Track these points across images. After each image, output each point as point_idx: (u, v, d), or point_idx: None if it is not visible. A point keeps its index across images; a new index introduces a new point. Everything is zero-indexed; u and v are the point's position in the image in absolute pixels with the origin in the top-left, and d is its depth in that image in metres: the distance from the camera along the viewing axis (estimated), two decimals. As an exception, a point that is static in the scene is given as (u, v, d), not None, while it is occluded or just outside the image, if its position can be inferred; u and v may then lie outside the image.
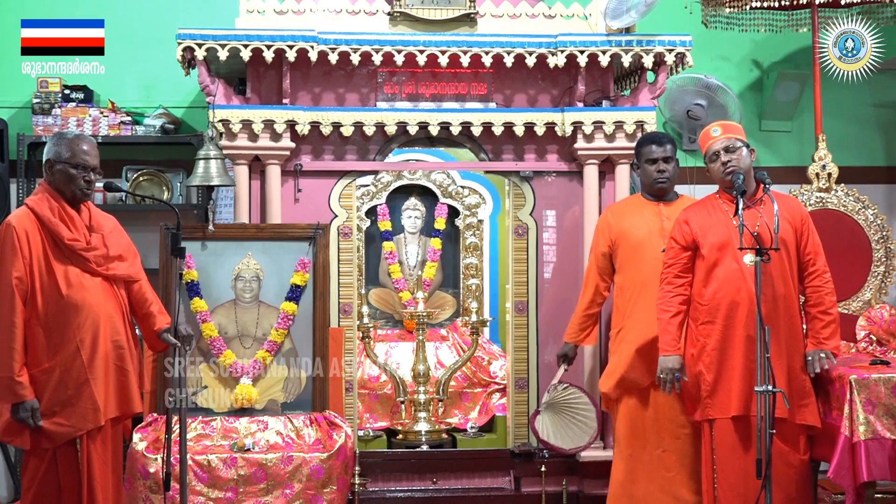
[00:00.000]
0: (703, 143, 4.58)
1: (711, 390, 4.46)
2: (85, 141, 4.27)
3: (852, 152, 6.49)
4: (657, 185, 4.98)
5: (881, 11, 5.94)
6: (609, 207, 5.23)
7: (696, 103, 5.88)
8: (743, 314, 4.39)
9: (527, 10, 5.51)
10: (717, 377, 4.45)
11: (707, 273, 4.49)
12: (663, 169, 4.95)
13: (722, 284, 4.43)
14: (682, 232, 4.56)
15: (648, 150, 4.98)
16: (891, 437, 4.42)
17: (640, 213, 4.99)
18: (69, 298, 4.14)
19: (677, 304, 4.53)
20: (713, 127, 4.57)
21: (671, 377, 4.51)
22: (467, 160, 5.84)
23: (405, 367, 5.90)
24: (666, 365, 4.52)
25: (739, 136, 4.53)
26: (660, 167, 4.95)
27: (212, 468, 4.66)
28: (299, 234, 5.16)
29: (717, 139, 4.50)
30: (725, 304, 4.42)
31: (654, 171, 4.96)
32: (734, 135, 4.52)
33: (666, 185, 4.98)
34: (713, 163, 4.51)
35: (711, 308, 4.46)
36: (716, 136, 4.52)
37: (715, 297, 4.45)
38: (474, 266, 6.34)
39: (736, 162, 4.45)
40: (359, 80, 5.49)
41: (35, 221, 4.16)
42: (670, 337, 4.53)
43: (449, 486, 5.45)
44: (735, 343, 4.41)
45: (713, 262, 4.47)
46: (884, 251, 5.53)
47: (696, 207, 4.65)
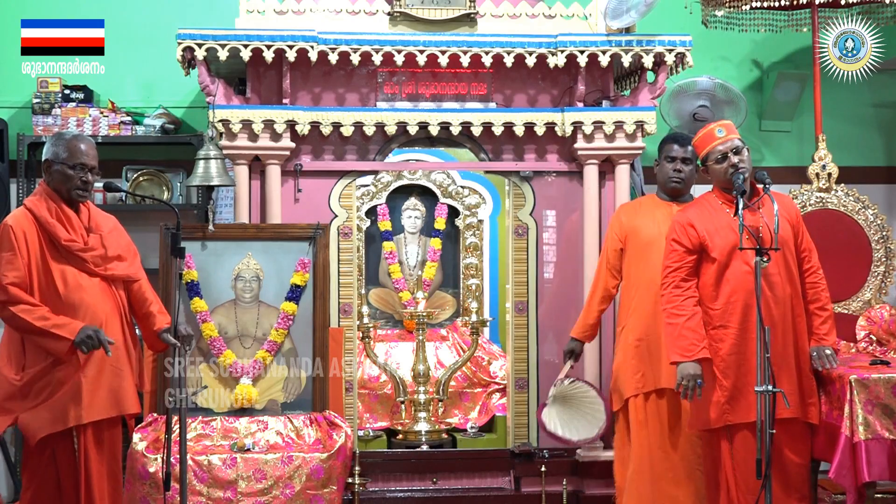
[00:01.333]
0: (706, 144, 4.49)
1: (730, 396, 4.36)
2: (83, 141, 4.27)
3: (852, 152, 6.49)
4: (671, 185, 4.96)
5: (881, 11, 5.93)
6: (622, 206, 5.22)
7: (701, 105, 5.89)
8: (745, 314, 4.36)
9: (527, 10, 5.51)
10: (734, 382, 4.36)
11: (718, 276, 4.40)
12: (680, 169, 4.93)
13: (735, 287, 4.36)
14: (689, 235, 4.46)
15: (669, 147, 4.97)
16: (890, 437, 4.42)
17: (651, 213, 4.97)
18: (66, 299, 4.14)
19: (691, 307, 4.40)
20: (717, 127, 4.50)
21: (692, 384, 4.33)
22: (467, 160, 5.84)
23: (405, 367, 5.90)
24: (687, 371, 4.34)
25: (739, 137, 4.52)
26: (677, 166, 4.94)
27: (212, 468, 4.66)
28: (299, 234, 5.16)
29: (723, 140, 4.44)
30: (740, 307, 4.35)
31: (670, 170, 4.95)
32: (736, 135, 4.49)
33: (680, 185, 4.96)
34: (719, 164, 4.44)
35: (725, 312, 4.38)
36: (721, 136, 4.45)
37: (729, 301, 4.38)
38: (474, 266, 6.34)
39: (745, 164, 4.42)
40: (359, 80, 5.49)
41: (33, 222, 4.16)
42: (687, 342, 4.36)
43: (449, 486, 5.45)
44: (752, 346, 4.31)
45: (724, 265, 4.40)
46: (884, 251, 5.53)
47: (696, 209, 4.56)
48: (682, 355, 4.37)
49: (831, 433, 4.50)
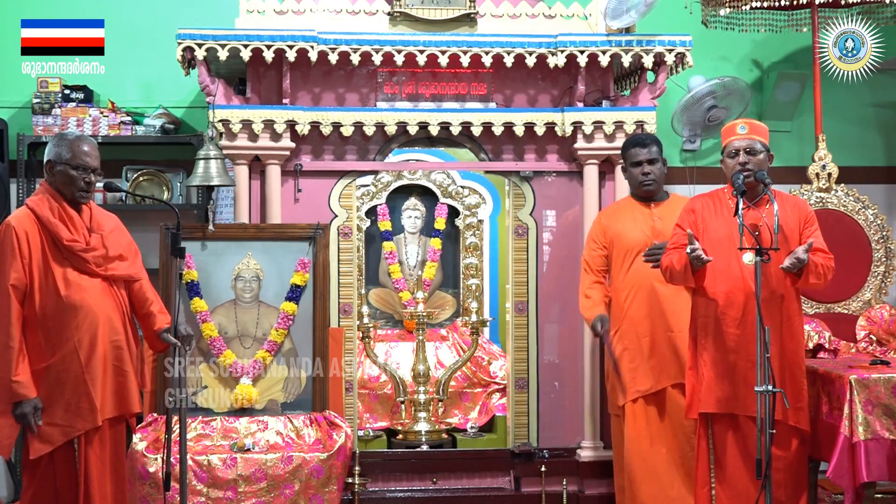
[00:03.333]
0: (726, 136, 4.52)
1: (708, 386, 4.45)
2: (86, 142, 4.27)
3: (852, 152, 6.49)
4: (644, 188, 4.99)
5: (881, 11, 5.93)
6: (602, 212, 5.24)
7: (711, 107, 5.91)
8: (737, 311, 4.38)
9: (527, 10, 5.51)
10: (712, 373, 4.43)
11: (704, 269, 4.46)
12: (648, 171, 4.96)
13: (718, 281, 4.42)
14: (689, 220, 4.54)
15: (633, 153, 5.00)
16: (890, 437, 4.42)
17: (632, 215, 5.00)
18: (68, 299, 4.13)
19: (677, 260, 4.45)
20: (740, 124, 4.51)
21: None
22: (467, 160, 5.84)
23: (405, 367, 5.90)
24: None
25: (763, 139, 4.49)
26: (644, 169, 4.96)
27: (212, 468, 4.66)
28: (299, 234, 5.16)
29: (741, 137, 4.46)
30: (720, 301, 4.41)
31: (639, 174, 4.97)
32: (759, 137, 4.48)
33: (652, 186, 4.99)
34: (731, 158, 4.47)
35: (708, 302, 4.45)
36: (741, 133, 4.46)
37: (709, 293, 4.44)
38: (474, 266, 6.34)
39: (753, 165, 4.42)
40: (359, 80, 5.49)
41: (35, 222, 4.16)
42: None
43: (449, 486, 5.45)
44: (730, 340, 4.40)
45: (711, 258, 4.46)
46: (884, 251, 5.53)
47: (705, 199, 4.61)
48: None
49: (830, 433, 4.50)
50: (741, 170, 4.40)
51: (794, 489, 4.40)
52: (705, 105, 5.95)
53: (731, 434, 4.42)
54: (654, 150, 4.98)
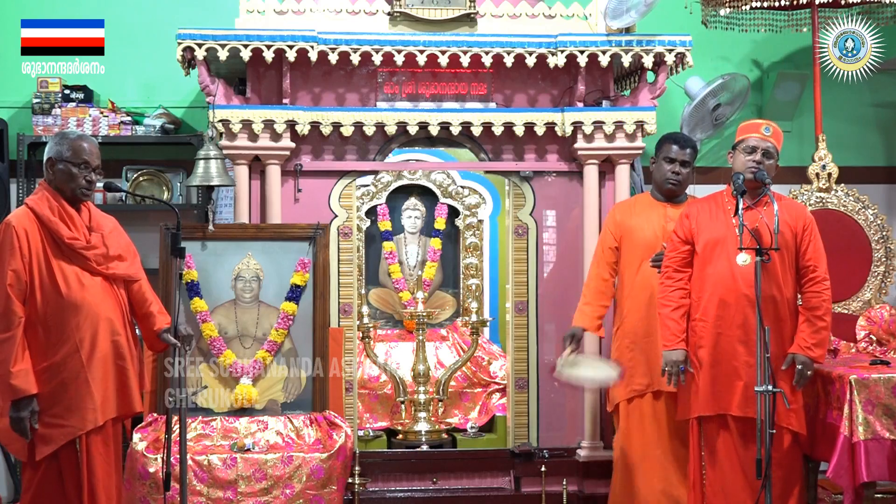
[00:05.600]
0: (747, 131, 4.55)
1: (701, 387, 4.46)
2: (87, 140, 4.27)
3: (852, 152, 6.49)
4: (667, 185, 4.98)
5: (881, 11, 5.93)
6: (617, 205, 5.23)
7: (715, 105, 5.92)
8: (731, 313, 4.39)
9: (527, 10, 5.51)
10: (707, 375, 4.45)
11: (700, 270, 4.51)
12: (678, 171, 4.96)
13: (712, 283, 4.44)
14: (683, 226, 4.58)
15: (669, 148, 4.99)
16: (890, 437, 4.43)
17: (646, 213, 4.99)
18: (68, 298, 4.13)
19: (678, 299, 4.54)
20: (765, 125, 4.54)
21: (675, 370, 4.48)
22: (467, 160, 5.84)
23: (405, 367, 5.90)
24: (670, 358, 4.50)
25: (778, 147, 4.54)
26: (675, 168, 4.96)
27: (212, 468, 4.66)
28: (299, 234, 5.16)
29: (763, 138, 4.49)
30: (715, 303, 4.43)
31: (668, 171, 4.97)
32: (776, 143, 4.53)
33: (676, 187, 4.98)
34: (745, 154, 4.48)
35: (703, 305, 4.47)
36: (764, 134, 4.50)
37: (704, 295, 4.46)
38: (474, 266, 6.34)
39: (765, 168, 4.45)
40: (359, 80, 5.49)
41: (35, 221, 4.16)
42: (670, 332, 4.52)
43: (449, 486, 5.45)
44: (722, 342, 4.41)
45: (705, 260, 4.49)
46: (884, 251, 5.53)
47: (700, 203, 4.66)
48: (664, 344, 4.54)
49: (830, 433, 4.51)
50: (753, 167, 4.42)
51: (784, 488, 4.40)
52: (709, 106, 5.96)
53: (722, 435, 4.43)
54: (689, 153, 4.97)
